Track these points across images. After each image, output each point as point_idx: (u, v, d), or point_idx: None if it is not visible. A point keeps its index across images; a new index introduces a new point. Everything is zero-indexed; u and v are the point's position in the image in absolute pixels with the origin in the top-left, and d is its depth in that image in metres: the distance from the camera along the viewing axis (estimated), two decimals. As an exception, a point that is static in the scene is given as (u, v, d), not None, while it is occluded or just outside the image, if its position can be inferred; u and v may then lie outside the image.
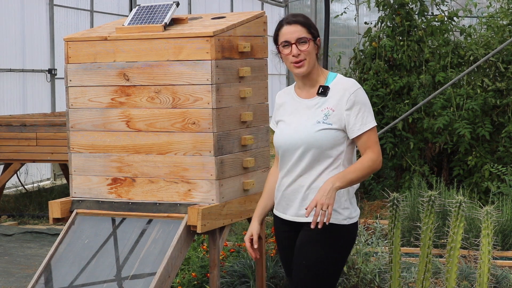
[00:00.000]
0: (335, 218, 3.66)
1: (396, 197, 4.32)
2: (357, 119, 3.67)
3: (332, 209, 3.54)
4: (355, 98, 3.68)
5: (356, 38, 17.21)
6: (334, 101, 3.69)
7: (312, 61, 3.72)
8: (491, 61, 9.53)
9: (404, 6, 9.92)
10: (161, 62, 4.79)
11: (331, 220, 3.60)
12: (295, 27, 3.71)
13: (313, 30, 3.74)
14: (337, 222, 3.67)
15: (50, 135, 9.17)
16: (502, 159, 9.22)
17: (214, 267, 4.79)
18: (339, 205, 3.68)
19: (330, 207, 3.51)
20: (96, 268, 4.69)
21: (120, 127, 4.91)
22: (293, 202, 3.76)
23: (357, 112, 3.67)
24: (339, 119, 3.67)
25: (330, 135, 3.67)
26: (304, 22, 3.73)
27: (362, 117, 3.67)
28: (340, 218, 3.68)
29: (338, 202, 3.67)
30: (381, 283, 5.78)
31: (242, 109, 4.91)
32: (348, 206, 3.71)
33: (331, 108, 3.69)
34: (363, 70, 10.08)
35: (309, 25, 3.73)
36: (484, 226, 4.09)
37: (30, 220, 9.35)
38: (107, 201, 4.95)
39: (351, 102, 3.67)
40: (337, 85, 3.73)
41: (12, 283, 6.57)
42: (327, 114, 3.68)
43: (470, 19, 13.23)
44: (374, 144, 3.69)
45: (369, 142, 3.68)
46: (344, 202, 3.70)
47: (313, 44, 3.73)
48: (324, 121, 3.67)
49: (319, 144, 3.66)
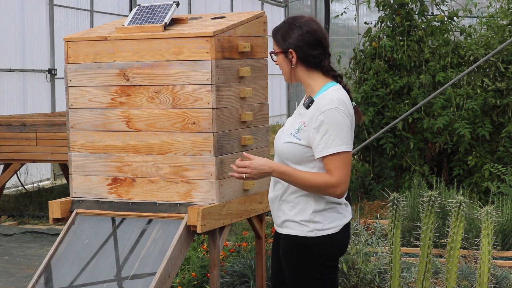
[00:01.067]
0: (299, 230, 3.59)
1: (396, 197, 4.32)
2: (321, 141, 3.50)
3: (249, 180, 3.57)
4: (324, 118, 3.50)
5: (356, 38, 17.19)
6: (308, 116, 3.56)
7: (287, 73, 3.64)
8: (491, 61, 9.53)
9: (404, 6, 9.92)
10: (161, 62, 4.79)
11: (296, 233, 3.59)
12: (272, 39, 3.71)
13: (281, 43, 3.62)
14: (302, 234, 3.59)
15: (50, 135, 9.17)
16: (502, 159, 9.22)
17: (214, 267, 4.79)
18: (303, 217, 3.59)
19: (249, 178, 3.54)
20: (96, 268, 4.69)
21: (120, 127, 4.91)
22: (272, 210, 3.72)
23: (323, 134, 3.50)
24: (308, 136, 3.54)
25: (296, 150, 3.56)
26: (273, 34, 3.67)
27: (327, 139, 3.49)
28: (305, 230, 3.58)
29: (303, 213, 3.59)
30: (381, 283, 5.78)
31: (242, 109, 4.91)
32: (317, 220, 3.58)
33: (304, 122, 3.56)
34: (363, 70, 10.08)
35: (276, 38, 3.64)
36: (484, 226, 4.09)
37: (30, 220, 9.35)
38: (107, 201, 4.95)
39: (319, 121, 3.51)
40: (319, 100, 3.57)
41: (12, 283, 6.57)
42: (299, 128, 3.57)
43: (470, 19, 13.22)
44: (335, 168, 3.50)
45: (330, 165, 3.50)
46: (310, 215, 3.58)
47: (283, 57, 3.62)
48: (295, 134, 3.57)
49: (285, 157, 3.59)
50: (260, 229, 5.31)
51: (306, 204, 3.59)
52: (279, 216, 3.67)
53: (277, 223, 3.70)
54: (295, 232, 3.60)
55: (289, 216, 3.62)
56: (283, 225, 3.65)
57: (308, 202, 3.59)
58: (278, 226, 3.70)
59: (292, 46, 3.60)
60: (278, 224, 3.69)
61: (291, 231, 3.62)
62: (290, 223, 3.62)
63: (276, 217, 3.70)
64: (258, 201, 5.10)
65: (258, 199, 5.10)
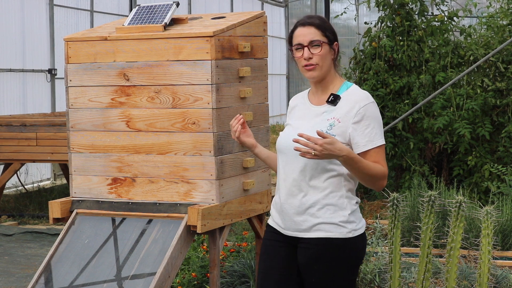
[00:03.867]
0: (338, 231, 3.50)
1: (396, 197, 4.31)
2: (364, 135, 3.45)
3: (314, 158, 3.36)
4: (365, 112, 3.46)
5: (356, 38, 17.19)
6: (343, 112, 3.48)
7: (326, 66, 3.52)
8: (491, 61, 9.53)
9: (404, 6, 9.92)
10: (161, 62, 4.79)
11: (334, 235, 3.48)
12: (308, 29, 3.52)
13: (328, 33, 3.52)
14: (341, 235, 3.50)
15: (50, 135, 9.17)
16: (502, 159, 9.21)
17: (214, 267, 4.79)
18: (342, 218, 3.51)
19: (315, 157, 3.34)
20: (96, 268, 4.69)
21: (120, 127, 4.91)
22: (290, 216, 3.56)
23: (365, 128, 3.46)
24: (344, 131, 3.46)
25: None
26: (319, 24, 3.52)
27: (370, 133, 3.46)
28: (344, 231, 3.51)
29: (342, 214, 3.51)
30: (381, 283, 5.77)
31: (242, 109, 4.91)
32: (353, 220, 3.53)
33: (338, 119, 3.48)
34: (363, 70, 10.08)
35: (324, 28, 3.52)
36: (484, 226, 4.09)
37: (30, 220, 9.35)
38: (107, 201, 4.95)
39: (360, 115, 3.46)
40: (349, 96, 3.51)
41: (12, 283, 6.56)
42: (332, 124, 3.47)
43: (470, 19, 13.23)
44: (380, 161, 3.46)
45: (376, 158, 3.46)
46: (349, 215, 3.52)
47: (328, 48, 3.52)
48: (328, 131, 3.45)
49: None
50: (260, 229, 5.31)
51: (343, 205, 3.51)
52: (305, 221, 3.52)
53: (301, 228, 3.53)
54: (333, 235, 3.49)
55: (324, 218, 3.49)
56: (313, 229, 3.51)
57: (344, 202, 3.51)
58: (302, 231, 3.54)
59: (337, 39, 3.57)
60: (303, 229, 3.53)
61: (327, 234, 3.49)
62: (325, 225, 3.49)
63: (297, 223, 3.54)
64: (258, 201, 5.10)
65: (258, 199, 5.09)
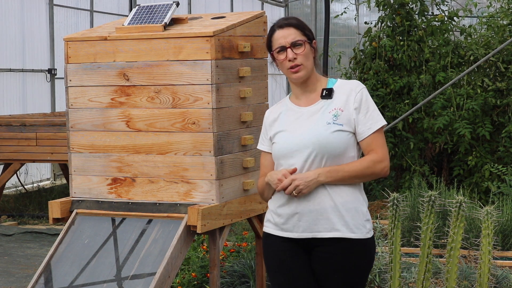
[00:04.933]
0: (360, 233, 3.46)
1: (396, 197, 4.31)
2: (367, 118, 3.46)
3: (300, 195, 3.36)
4: (362, 96, 3.47)
5: (356, 38, 17.20)
6: (341, 101, 3.47)
7: (310, 65, 3.50)
8: (491, 61, 9.53)
9: (404, 6, 9.93)
10: (161, 62, 4.79)
11: (355, 236, 3.43)
12: (288, 30, 3.48)
13: (307, 32, 3.50)
14: (362, 236, 3.46)
15: (50, 135, 9.17)
16: (502, 159, 9.22)
17: (214, 267, 4.79)
18: (362, 216, 3.47)
19: (300, 195, 3.35)
20: (96, 268, 4.69)
21: (120, 127, 4.90)
22: (305, 222, 3.48)
23: (366, 111, 3.46)
24: (349, 119, 3.45)
25: (344, 138, 3.44)
26: (297, 24, 3.50)
27: (371, 115, 3.46)
28: (364, 231, 3.48)
29: (360, 215, 3.47)
30: (381, 283, 5.77)
31: (242, 109, 4.90)
32: (368, 218, 3.50)
33: (340, 108, 3.46)
34: (363, 70, 10.08)
35: (302, 27, 3.50)
36: (484, 226, 4.09)
37: (30, 220, 9.36)
38: (107, 201, 4.95)
39: (358, 100, 3.46)
40: (342, 87, 3.51)
41: (12, 283, 6.56)
42: (336, 114, 3.45)
43: (470, 19, 13.23)
44: (379, 146, 3.46)
45: (374, 144, 3.45)
46: (366, 213, 3.49)
47: (309, 47, 3.50)
48: (334, 121, 3.43)
49: (332, 148, 3.41)
50: (260, 229, 5.31)
51: (361, 206, 3.49)
52: (321, 225, 3.45)
53: (318, 229, 3.46)
54: (355, 236, 3.46)
55: (345, 221, 3.45)
56: (333, 229, 3.45)
57: (362, 203, 3.49)
58: (318, 231, 3.47)
59: (315, 37, 3.57)
60: (320, 230, 3.46)
61: (351, 235, 3.45)
62: (347, 228, 3.45)
63: (317, 227, 3.46)
64: (258, 201, 5.10)
65: (258, 199, 5.09)
